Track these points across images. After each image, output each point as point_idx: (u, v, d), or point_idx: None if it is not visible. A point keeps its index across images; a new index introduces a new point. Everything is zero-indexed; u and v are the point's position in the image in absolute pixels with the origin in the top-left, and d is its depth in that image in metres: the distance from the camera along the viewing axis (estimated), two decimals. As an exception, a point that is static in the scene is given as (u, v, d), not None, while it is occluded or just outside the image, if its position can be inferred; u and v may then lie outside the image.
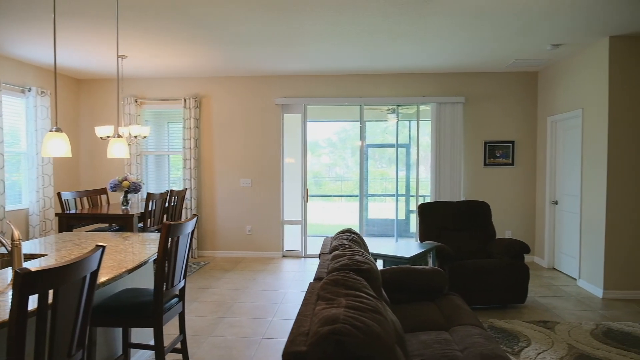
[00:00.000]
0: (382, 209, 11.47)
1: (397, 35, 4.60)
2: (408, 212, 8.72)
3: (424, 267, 3.31)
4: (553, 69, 5.83)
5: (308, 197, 6.66)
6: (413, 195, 7.10)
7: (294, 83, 6.58)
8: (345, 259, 2.24)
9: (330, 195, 13.55)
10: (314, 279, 2.13)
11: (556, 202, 5.85)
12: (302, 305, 1.72)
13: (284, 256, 6.74)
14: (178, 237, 2.58)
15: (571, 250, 5.46)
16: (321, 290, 1.79)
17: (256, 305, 4.47)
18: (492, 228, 4.89)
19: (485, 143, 6.35)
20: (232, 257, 6.68)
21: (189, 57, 5.53)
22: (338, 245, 2.75)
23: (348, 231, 3.22)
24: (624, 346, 3.42)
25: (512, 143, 6.33)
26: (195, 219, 2.79)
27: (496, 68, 6.10)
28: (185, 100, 6.56)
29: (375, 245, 4.32)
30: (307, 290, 1.94)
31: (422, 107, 6.58)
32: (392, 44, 4.91)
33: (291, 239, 6.96)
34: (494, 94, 6.36)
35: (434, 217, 4.87)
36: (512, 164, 6.34)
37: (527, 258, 6.39)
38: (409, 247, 4.26)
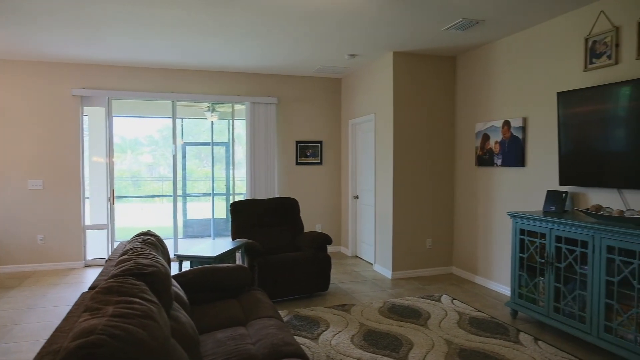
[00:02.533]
0: (205, 209, 11.30)
1: (203, 31, 4.52)
2: (228, 211, 8.71)
3: (229, 265, 3.33)
4: (352, 77, 6.48)
5: (115, 199, 6.10)
6: (236, 194, 7.10)
7: (96, 73, 5.94)
8: (129, 264, 2.08)
9: (151, 196, 12.75)
10: (89, 288, 1.93)
11: (357, 197, 6.54)
12: (63, 320, 1.54)
13: (87, 265, 6.04)
14: None
15: (369, 239, 6.16)
16: (90, 300, 1.63)
17: (44, 326, 3.90)
18: (301, 223, 5.19)
19: (297, 143, 6.72)
20: (18, 272, 5.71)
21: (-51, 33, 4.52)
22: (130, 249, 2.56)
23: (145, 234, 3.03)
24: (402, 318, 3.99)
25: (321, 143, 6.84)
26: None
27: (305, 72, 6.50)
28: (-52, 84, 5.35)
29: (191, 245, 4.22)
30: (76, 301, 1.75)
31: (237, 106, 6.62)
32: (200, 39, 4.80)
33: (96, 246, 6.31)
34: (304, 97, 6.77)
35: (246, 215, 4.94)
36: (320, 163, 6.85)
37: (335, 248, 6.99)
38: (219, 246, 4.24)
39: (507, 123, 4.65)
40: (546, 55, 4.20)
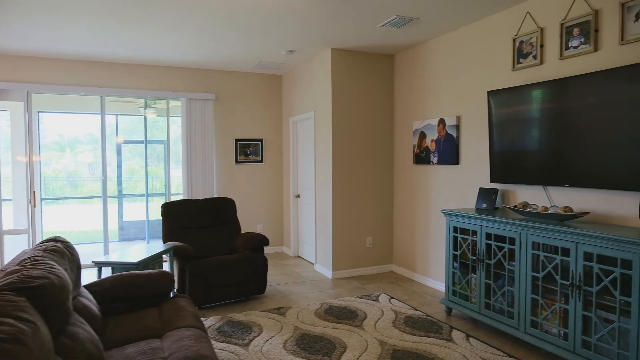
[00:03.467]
0: (144, 210, 10.78)
1: (128, 21, 4.22)
2: (167, 212, 8.33)
3: (150, 271, 3.10)
4: (293, 74, 6.35)
5: (36, 201, 5.64)
6: (172, 194, 6.78)
7: (12, 64, 5.45)
8: (15, 276, 1.85)
9: (88, 197, 12.06)
10: (-42, 307, 1.68)
11: (298, 196, 6.42)
12: None
13: (5, 274, 5.54)
14: None
15: (310, 239, 6.06)
16: (-51, 323, 1.40)
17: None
18: (237, 223, 5.00)
19: (237, 140, 6.51)
20: None
21: None
22: (27, 258, 2.30)
23: (53, 240, 2.75)
24: (338, 319, 3.91)
25: (261, 141, 6.66)
26: None
27: (244, 68, 6.30)
28: None
29: (123, 248, 3.96)
30: (-64, 324, 1.50)
31: (173, 103, 6.32)
32: (125, 30, 4.48)
33: (17, 253, 5.80)
34: (243, 93, 6.56)
35: (179, 216, 4.70)
36: (261, 161, 6.67)
37: (277, 249, 6.85)
38: (151, 249, 3.97)
39: (442, 121, 4.68)
40: (478, 54, 4.26)
